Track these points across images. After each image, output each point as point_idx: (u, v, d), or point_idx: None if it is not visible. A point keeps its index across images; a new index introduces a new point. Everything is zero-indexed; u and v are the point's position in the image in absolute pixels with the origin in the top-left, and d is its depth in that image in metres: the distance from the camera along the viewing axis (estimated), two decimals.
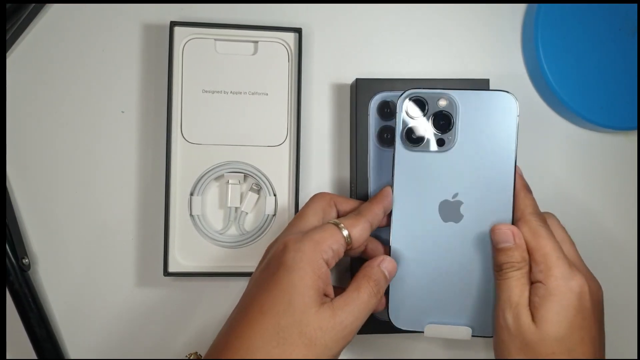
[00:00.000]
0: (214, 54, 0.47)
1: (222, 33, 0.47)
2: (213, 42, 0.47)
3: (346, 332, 0.37)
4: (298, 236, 0.38)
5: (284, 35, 0.47)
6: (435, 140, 0.43)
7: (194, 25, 0.47)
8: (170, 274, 0.46)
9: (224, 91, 0.47)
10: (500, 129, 0.42)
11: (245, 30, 0.47)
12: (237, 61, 0.47)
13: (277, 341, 0.35)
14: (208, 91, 0.47)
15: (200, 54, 0.47)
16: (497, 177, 0.42)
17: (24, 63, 0.47)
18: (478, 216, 0.42)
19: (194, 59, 0.47)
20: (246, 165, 0.47)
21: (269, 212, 0.48)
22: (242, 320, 0.37)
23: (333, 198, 0.43)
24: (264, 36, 0.47)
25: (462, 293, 0.43)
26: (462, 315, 0.43)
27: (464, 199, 0.42)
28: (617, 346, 0.52)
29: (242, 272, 0.47)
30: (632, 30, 0.50)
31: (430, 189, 0.43)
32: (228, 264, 0.47)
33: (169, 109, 0.46)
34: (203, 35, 0.47)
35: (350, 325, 0.37)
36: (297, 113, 0.47)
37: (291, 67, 0.48)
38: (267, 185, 0.47)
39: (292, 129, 0.47)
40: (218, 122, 0.47)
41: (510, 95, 0.42)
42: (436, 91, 0.42)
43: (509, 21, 0.51)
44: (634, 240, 0.53)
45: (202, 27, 0.47)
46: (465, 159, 0.42)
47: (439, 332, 0.43)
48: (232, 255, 0.47)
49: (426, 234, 0.43)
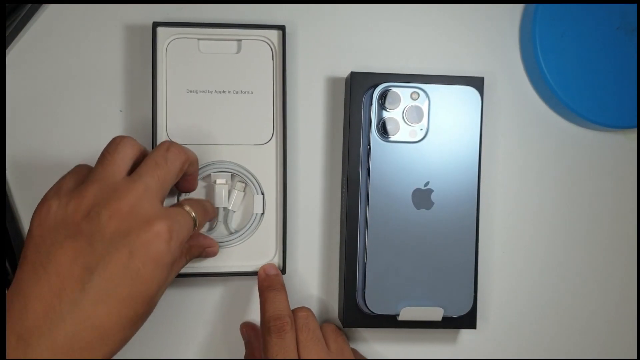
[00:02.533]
0: (197, 53, 0.48)
1: (205, 32, 0.47)
2: (196, 42, 0.48)
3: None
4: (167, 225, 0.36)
5: (267, 33, 0.48)
6: (408, 132, 0.46)
7: (177, 25, 0.47)
8: None
9: (209, 90, 0.47)
10: (466, 122, 0.46)
11: (229, 29, 0.48)
12: (221, 60, 0.48)
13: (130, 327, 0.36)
14: (192, 91, 0.47)
15: (183, 54, 0.47)
16: (463, 166, 0.46)
17: (20, 62, 0.48)
18: (447, 203, 0.46)
19: (177, 59, 0.47)
20: (233, 165, 0.48)
21: (257, 210, 0.48)
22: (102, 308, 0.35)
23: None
24: (247, 34, 0.48)
25: (434, 276, 0.46)
26: (434, 297, 0.46)
27: (435, 187, 0.46)
28: (617, 346, 0.52)
29: (233, 272, 0.47)
30: (630, 29, 0.50)
31: (403, 178, 0.45)
32: (217, 263, 0.47)
33: (153, 110, 0.46)
34: (186, 35, 0.47)
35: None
36: (282, 111, 0.47)
37: (275, 65, 0.48)
38: (255, 184, 0.48)
39: (278, 127, 0.48)
40: (203, 122, 0.47)
41: (475, 90, 0.46)
42: (409, 85, 0.46)
43: (507, 20, 0.51)
44: (633, 240, 0.52)
45: (185, 27, 0.47)
46: (435, 150, 0.46)
47: (413, 314, 0.45)
48: (221, 254, 0.47)
49: (400, 221, 0.45)
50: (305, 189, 0.49)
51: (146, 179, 0.38)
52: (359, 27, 0.50)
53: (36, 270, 0.35)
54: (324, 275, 0.49)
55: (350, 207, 0.46)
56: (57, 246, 0.35)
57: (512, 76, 0.51)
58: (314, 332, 0.43)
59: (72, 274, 0.34)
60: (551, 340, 0.51)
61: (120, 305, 0.35)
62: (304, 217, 0.49)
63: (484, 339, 0.50)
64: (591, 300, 0.51)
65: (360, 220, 0.46)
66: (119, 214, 0.36)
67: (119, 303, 0.35)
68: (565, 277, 0.51)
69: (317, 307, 0.49)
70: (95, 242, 0.35)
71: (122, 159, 0.38)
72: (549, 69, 0.49)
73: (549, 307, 0.51)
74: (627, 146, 0.52)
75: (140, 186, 0.37)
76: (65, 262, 0.35)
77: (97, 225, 0.35)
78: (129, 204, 0.36)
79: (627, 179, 0.52)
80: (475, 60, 0.51)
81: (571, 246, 0.51)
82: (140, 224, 0.36)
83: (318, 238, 0.49)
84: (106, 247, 0.35)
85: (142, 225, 0.36)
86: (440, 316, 0.46)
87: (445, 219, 0.46)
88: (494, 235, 0.50)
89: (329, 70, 0.50)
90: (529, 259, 0.51)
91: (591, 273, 0.52)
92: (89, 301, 0.34)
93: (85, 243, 0.35)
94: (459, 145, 0.46)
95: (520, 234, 0.51)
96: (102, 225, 0.35)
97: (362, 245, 0.46)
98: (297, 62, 0.49)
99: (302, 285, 0.49)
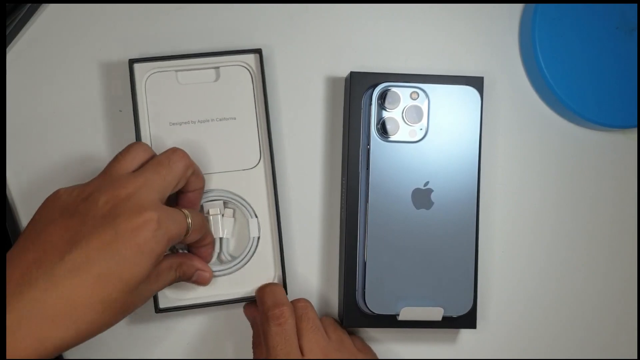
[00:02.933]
0: (176, 85, 0.47)
1: (182, 64, 0.47)
2: (174, 74, 0.47)
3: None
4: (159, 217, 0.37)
5: (244, 58, 0.47)
6: (408, 132, 0.46)
7: (153, 60, 0.46)
8: (161, 310, 0.46)
9: (191, 121, 0.47)
10: (466, 121, 0.46)
11: (205, 58, 0.47)
12: (201, 89, 0.47)
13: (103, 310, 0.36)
14: (175, 123, 0.47)
15: (163, 87, 0.47)
16: (463, 166, 0.46)
17: (19, 63, 0.48)
18: (447, 203, 0.46)
19: (157, 93, 0.47)
20: (224, 192, 0.47)
21: (253, 234, 0.47)
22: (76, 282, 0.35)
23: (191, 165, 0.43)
24: (224, 61, 0.47)
25: (433, 276, 0.46)
26: (434, 297, 0.46)
27: (434, 187, 0.46)
28: (617, 346, 0.52)
29: (237, 299, 0.47)
30: (629, 29, 0.50)
31: (403, 178, 0.45)
32: (220, 292, 0.47)
33: None
34: (163, 69, 0.47)
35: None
36: (267, 132, 0.47)
37: (256, 88, 0.47)
38: (249, 208, 0.47)
39: (265, 149, 0.47)
40: (190, 153, 0.45)
41: (475, 90, 0.46)
42: (409, 85, 0.46)
43: (506, 20, 0.51)
44: (633, 240, 0.52)
45: (161, 61, 0.46)
46: (435, 149, 0.46)
47: (413, 314, 0.45)
48: (223, 283, 0.47)
49: (400, 221, 0.45)
50: (304, 190, 0.49)
51: (147, 174, 0.40)
52: (358, 26, 0.50)
53: (26, 243, 0.36)
54: (323, 275, 0.49)
55: (349, 207, 0.46)
56: (51, 224, 0.37)
57: (512, 76, 0.51)
58: (313, 321, 0.43)
59: (55, 246, 0.36)
60: (551, 340, 0.51)
61: (93, 281, 0.35)
62: (302, 217, 0.49)
63: (484, 339, 0.50)
64: (591, 300, 0.51)
65: (360, 220, 0.46)
66: (115, 199, 0.37)
67: (93, 279, 0.35)
68: (565, 276, 0.51)
69: (317, 306, 0.49)
70: (87, 221, 0.36)
71: (131, 159, 0.41)
72: (549, 69, 0.49)
73: (549, 307, 0.51)
74: (627, 145, 0.52)
75: (141, 179, 0.39)
76: (53, 236, 0.36)
77: (92, 207, 0.37)
78: (126, 192, 0.38)
79: (625, 178, 0.52)
80: (474, 60, 0.51)
81: (571, 246, 0.51)
82: (132, 209, 0.37)
83: (318, 238, 0.49)
84: (95, 225, 0.36)
85: (134, 211, 0.37)
86: (440, 316, 0.46)
87: (445, 219, 0.46)
88: (493, 235, 0.50)
89: (328, 70, 0.50)
90: (529, 259, 0.51)
91: (591, 272, 0.52)
92: (63, 270, 0.35)
93: (77, 221, 0.36)
94: (459, 145, 0.46)
95: (520, 234, 0.51)
96: (97, 208, 0.37)
97: (362, 245, 0.46)
98: (296, 63, 0.49)
99: (302, 285, 0.49)
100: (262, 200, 0.47)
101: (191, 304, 0.46)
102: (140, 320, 0.48)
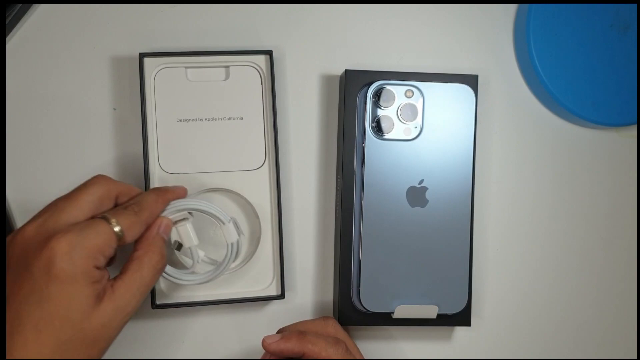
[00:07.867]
0: (185, 81, 0.47)
1: (192, 60, 0.47)
2: (184, 70, 0.47)
3: (129, 312, 0.37)
4: (67, 238, 0.35)
5: (254, 58, 0.47)
6: (402, 130, 0.46)
7: (163, 55, 0.46)
8: (158, 306, 0.46)
9: (199, 118, 0.47)
10: (460, 120, 0.46)
11: (216, 57, 0.47)
12: (210, 87, 0.47)
13: (60, 354, 0.34)
14: (182, 120, 0.47)
15: (171, 83, 0.47)
16: (458, 164, 0.46)
17: (15, 61, 0.48)
18: (442, 201, 0.46)
19: (165, 88, 0.47)
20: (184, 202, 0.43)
21: (230, 240, 0.44)
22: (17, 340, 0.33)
23: (116, 189, 0.40)
24: (235, 60, 0.47)
25: (428, 274, 0.46)
26: (429, 295, 0.46)
27: (429, 185, 0.46)
28: (617, 346, 0.52)
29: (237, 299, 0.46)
30: (623, 27, 0.50)
31: (398, 176, 0.46)
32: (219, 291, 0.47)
33: (144, 141, 0.46)
34: (173, 64, 0.47)
35: (134, 306, 0.37)
36: (274, 135, 0.47)
37: (265, 89, 0.47)
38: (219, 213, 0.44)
39: (271, 151, 0.47)
40: (195, 150, 0.46)
41: (469, 88, 0.46)
42: (403, 83, 0.46)
43: (501, 19, 0.51)
44: (631, 237, 0.52)
45: (171, 57, 0.46)
46: (430, 147, 0.46)
47: (408, 312, 0.46)
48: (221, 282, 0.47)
49: (395, 219, 0.46)
50: (299, 188, 0.49)
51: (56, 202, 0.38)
52: (353, 25, 0.50)
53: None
54: (319, 273, 0.49)
55: (344, 205, 0.46)
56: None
57: (506, 74, 0.51)
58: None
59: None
60: (546, 338, 0.51)
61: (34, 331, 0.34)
62: (298, 215, 0.49)
63: (478, 337, 0.50)
64: (587, 298, 0.52)
65: (354, 218, 0.46)
66: (24, 243, 0.36)
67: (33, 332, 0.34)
68: (559, 274, 0.51)
69: (312, 304, 0.49)
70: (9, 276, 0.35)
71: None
72: (543, 67, 0.49)
73: (543, 305, 0.51)
74: (621, 143, 0.52)
75: (48, 211, 0.37)
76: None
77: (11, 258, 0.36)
78: (34, 231, 0.36)
79: (619, 175, 0.52)
80: (469, 58, 0.51)
81: (566, 243, 0.52)
82: (38, 246, 0.35)
83: (313, 236, 0.49)
84: (12, 277, 0.35)
85: (40, 245, 0.35)
86: (435, 314, 0.46)
87: (440, 217, 0.46)
88: (488, 233, 0.51)
89: (323, 68, 0.50)
90: (524, 257, 0.51)
91: (587, 270, 0.52)
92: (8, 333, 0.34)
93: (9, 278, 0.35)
94: (454, 143, 0.46)
95: (515, 232, 0.51)
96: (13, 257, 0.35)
97: (357, 243, 0.46)
98: (291, 60, 0.49)
99: (297, 283, 0.49)
100: (265, 201, 0.47)
101: (189, 301, 0.46)
102: (136, 318, 0.48)
